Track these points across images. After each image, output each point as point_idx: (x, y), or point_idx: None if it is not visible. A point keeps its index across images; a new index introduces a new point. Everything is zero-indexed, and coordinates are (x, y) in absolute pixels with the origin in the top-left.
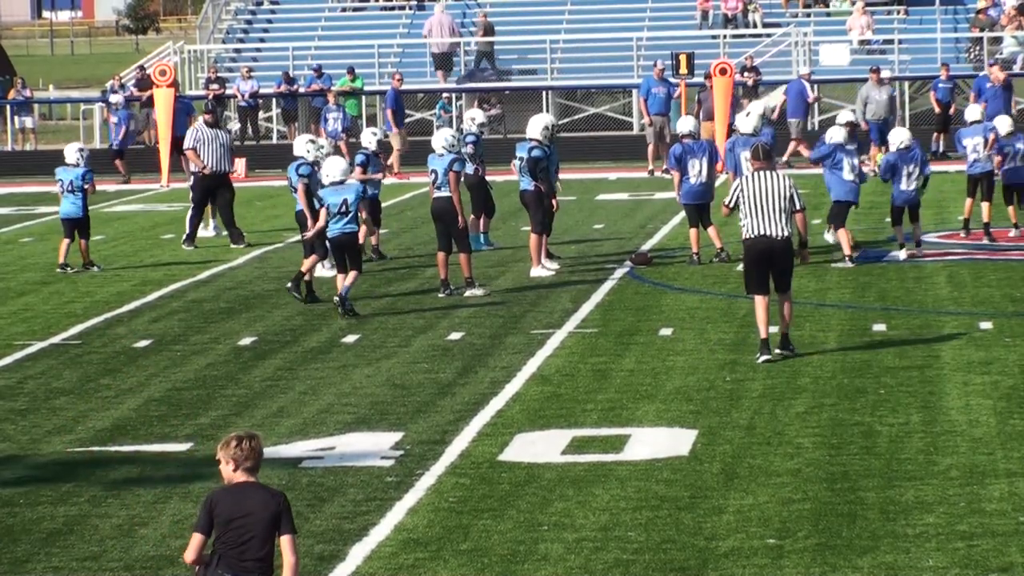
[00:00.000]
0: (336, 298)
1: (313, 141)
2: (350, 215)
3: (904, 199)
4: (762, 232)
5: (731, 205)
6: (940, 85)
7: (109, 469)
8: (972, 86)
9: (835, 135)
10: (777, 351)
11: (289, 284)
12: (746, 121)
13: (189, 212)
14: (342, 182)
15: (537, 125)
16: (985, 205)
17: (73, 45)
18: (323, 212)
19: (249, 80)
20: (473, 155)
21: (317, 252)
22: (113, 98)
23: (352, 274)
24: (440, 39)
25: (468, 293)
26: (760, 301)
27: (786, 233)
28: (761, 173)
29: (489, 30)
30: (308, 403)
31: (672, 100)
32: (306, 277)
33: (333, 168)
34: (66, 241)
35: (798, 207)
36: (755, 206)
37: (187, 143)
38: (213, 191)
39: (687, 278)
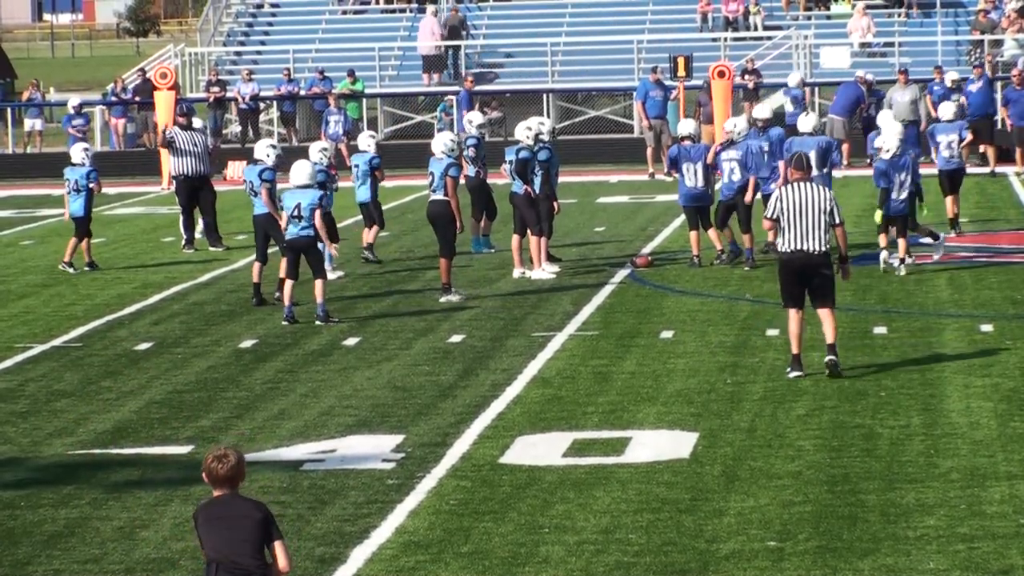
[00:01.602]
0: (318, 314)
1: (274, 146)
2: (303, 220)
3: (893, 210)
4: (799, 247)
5: (773, 217)
6: (935, 88)
7: (110, 471)
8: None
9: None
10: (829, 358)
11: (254, 301)
12: (806, 120)
13: (180, 218)
14: (307, 187)
15: (520, 126)
16: (949, 199)
17: (74, 48)
18: (284, 215)
19: (250, 83)
20: (475, 158)
21: (259, 258)
22: (72, 102)
23: (318, 284)
24: (426, 42)
25: (443, 299)
26: (794, 316)
27: (824, 247)
28: (800, 184)
29: (455, 32)
30: (309, 405)
31: (669, 103)
32: (255, 279)
33: (297, 172)
34: (73, 240)
35: (837, 221)
36: (793, 219)
37: (163, 143)
38: (196, 193)
39: (688, 280)
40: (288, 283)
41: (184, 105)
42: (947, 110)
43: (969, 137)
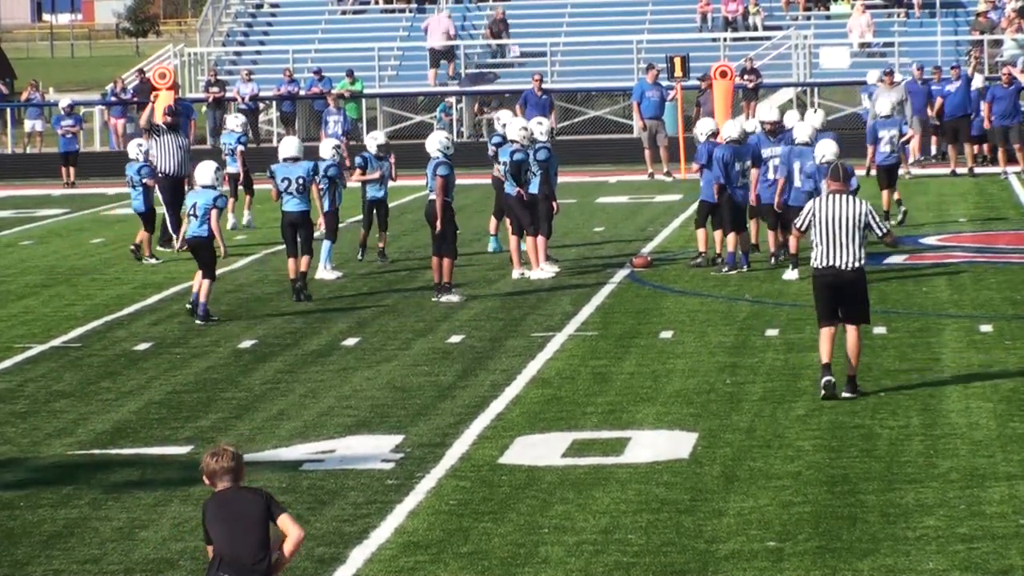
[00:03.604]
0: (198, 312)
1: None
2: (198, 219)
3: None
4: (830, 263)
5: (803, 228)
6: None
7: (109, 472)
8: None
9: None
10: (845, 394)
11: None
12: (815, 119)
13: (167, 219)
14: (209, 187)
15: (514, 127)
16: (885, 193)
17: (73, 48)
18: (185, 215)
19: (249, 83)
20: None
21: (306, 252)
22: (62, 103)
23: (204, 282)
24: (436, 41)
25: (443, 298)
26: (825, 333)
27: (858, 263)
28: (836, 196)
29: (498, 33)
30: (308, 406)
31: (666, 103)
32: (291, 275)
33: (201, 173)
34: (146, 234)
35: (880, 234)
36: (826, 233)
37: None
38: (180, 192)
39: (687, 281)
40: (197, 275)
41: (177, 104)
42: (884, 106)
43: (910, 133)
